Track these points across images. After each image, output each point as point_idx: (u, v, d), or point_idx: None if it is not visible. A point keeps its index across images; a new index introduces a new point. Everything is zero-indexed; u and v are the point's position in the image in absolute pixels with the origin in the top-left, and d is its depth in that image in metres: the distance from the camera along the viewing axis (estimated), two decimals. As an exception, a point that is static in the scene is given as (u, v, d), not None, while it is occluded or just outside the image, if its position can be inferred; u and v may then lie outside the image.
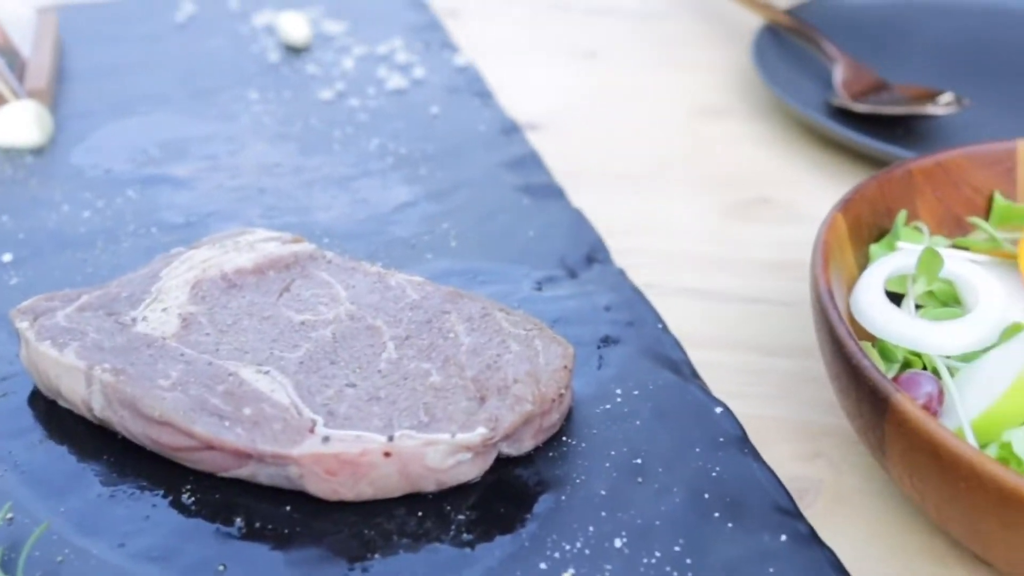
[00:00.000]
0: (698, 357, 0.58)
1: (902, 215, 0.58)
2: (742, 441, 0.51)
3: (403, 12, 0.97)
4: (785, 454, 0.53)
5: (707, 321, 0.62)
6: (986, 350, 0.51)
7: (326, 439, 0.46)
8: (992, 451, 0.46)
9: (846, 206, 0.57)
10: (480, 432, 0.47)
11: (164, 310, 0.53)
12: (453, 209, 0.68)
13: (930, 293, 0.56)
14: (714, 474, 0.49)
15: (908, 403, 0.44)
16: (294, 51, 0.89)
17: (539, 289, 0.61)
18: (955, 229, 0.61)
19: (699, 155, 0.79)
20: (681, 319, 0.61)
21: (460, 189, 0.70)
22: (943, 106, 0.77)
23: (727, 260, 0.68)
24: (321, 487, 0.47)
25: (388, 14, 0.96)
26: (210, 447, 0.47)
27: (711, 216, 0.72)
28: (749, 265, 0.67)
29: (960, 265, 0.55)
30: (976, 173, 0.61)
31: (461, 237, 0.65)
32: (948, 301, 0.55)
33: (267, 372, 0.50)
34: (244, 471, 0.47)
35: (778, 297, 0.64)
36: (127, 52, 0.88)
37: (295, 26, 0.90)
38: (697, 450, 0.50)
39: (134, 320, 0.53)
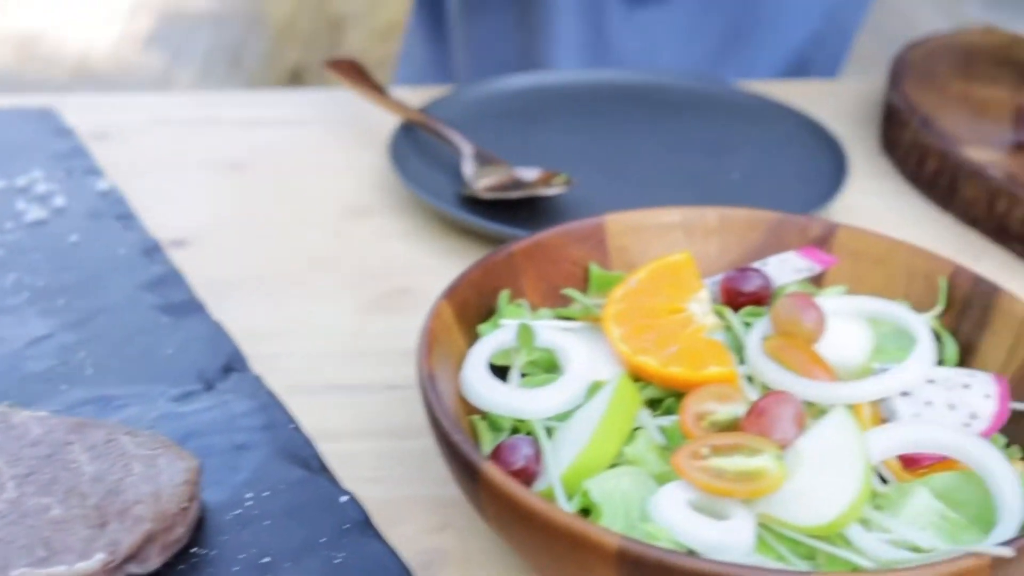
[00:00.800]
0: (338, 449, 0.62)
1: (504, 295, 0.64)
2: (365, 525, 0.54)
3: (46, 141, 0.96)
4: (415, 530, 0.57)
5: (350, 414, 0.66)
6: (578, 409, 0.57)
7: (-65, 591, 0.46)
8: (577, 501, 0.52)
9: (451, 293, 0.62)
10: (99, 558, 0.48)
11: None
12: (90, 337, 0.69)
13: (535, 362, 0.62)
14: (337, 561, 0.52)
15: (492, 470, 0.49)
16: (-72, 192, 0.87)
17: (176, 406, 0.63)
18: (559, 301, 0.67)
19: (346, 254, 0.84)
20: (324, 415, 0.65)
21: (98, 316, 0.71)
22: (556, 187, 0.85)
23: (370, 352, 0.72)
24: (-64, 640, 0.46)
25: (30, 144, 0.95)
26: None
27: (355, 311, 0.76)
28: (390, 355, 0.71)
29: (552, 334, 0.61)
30: (572, 248, 0.68)
31: (98, 364, 0.66)
32: (550, 368, 0.61)
33: None
34: None
35: (416, 382, 0.69)
36: None
37: (-72, 166, 0.88)
38: (323, 540, 0.53)
39: None
